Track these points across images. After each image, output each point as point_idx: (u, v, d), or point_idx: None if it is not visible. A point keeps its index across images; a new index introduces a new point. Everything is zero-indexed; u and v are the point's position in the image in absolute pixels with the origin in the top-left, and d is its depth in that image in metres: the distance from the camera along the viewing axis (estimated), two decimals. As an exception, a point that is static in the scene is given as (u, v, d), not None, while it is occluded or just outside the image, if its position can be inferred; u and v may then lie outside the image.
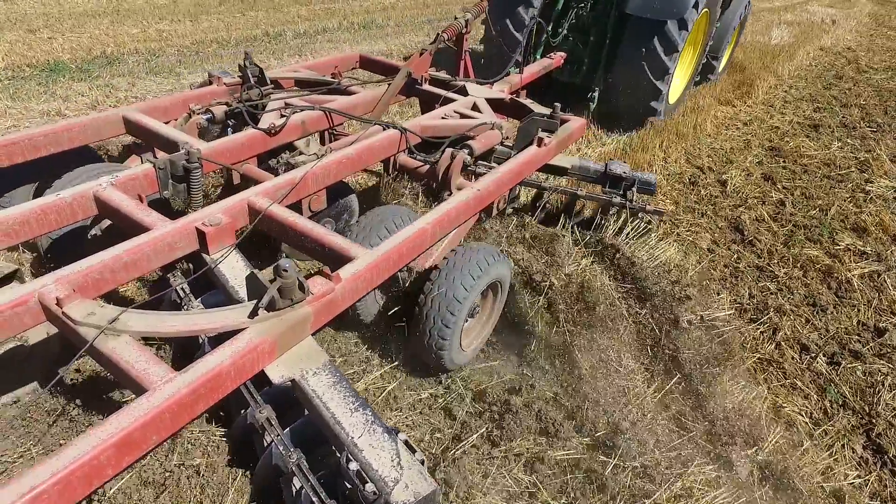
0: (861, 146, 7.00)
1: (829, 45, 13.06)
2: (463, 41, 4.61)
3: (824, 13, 18.21)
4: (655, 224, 3.66)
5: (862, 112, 8.40)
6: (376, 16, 12.04)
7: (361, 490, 1.69)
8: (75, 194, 2.54)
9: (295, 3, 12.79)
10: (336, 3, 13.26)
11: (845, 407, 3.37)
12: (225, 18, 10.85)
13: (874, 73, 10.75)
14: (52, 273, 2.07)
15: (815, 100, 8.88)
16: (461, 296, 2.67)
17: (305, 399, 1.97)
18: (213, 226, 2.44)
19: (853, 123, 7.80)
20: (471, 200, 2.93)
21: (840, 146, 6.94)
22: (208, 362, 1.80)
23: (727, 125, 7.40)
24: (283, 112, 3.53)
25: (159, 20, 10.33)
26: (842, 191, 5.79)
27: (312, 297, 2.08)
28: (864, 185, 5.91)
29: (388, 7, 13.53)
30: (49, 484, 1.42)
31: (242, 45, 8.97)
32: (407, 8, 13.58)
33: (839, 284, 4.38)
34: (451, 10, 13.36)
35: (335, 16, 11.74)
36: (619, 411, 2.92)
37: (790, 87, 9.42)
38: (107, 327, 1.85)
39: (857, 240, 4.92)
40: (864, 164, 6.44)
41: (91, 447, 1.51)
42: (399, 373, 3.01)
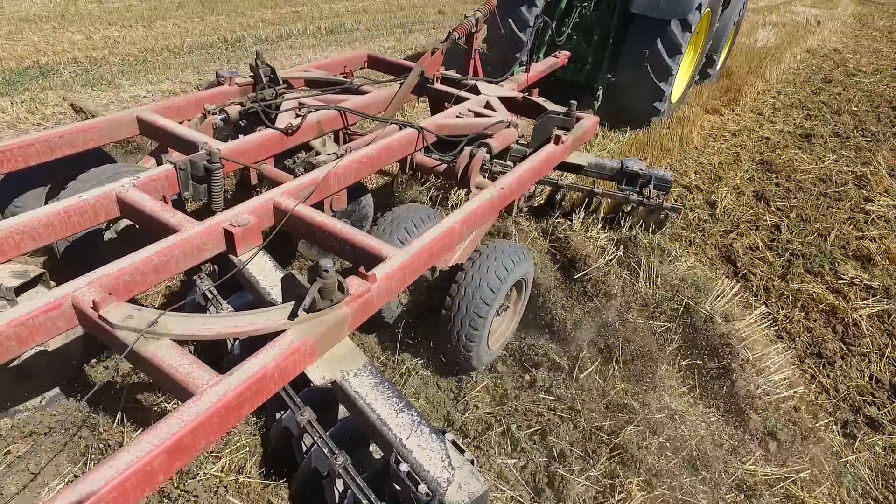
0: (857, 158, 6.58)
1: (816, 47, 12.73)
2: (473, 40, 4.59)
3: (808, 13, 18.01)
4: (673, 221, 3.67)
5: (854, 119, 8.00)
6: (346, 19, 11.47)
7: (414, 491, 1.67)
8: (98, 196, 2.49)
9: (259, 7, 12.16)
10: (304, 6, 12.62)
11: (866, 497, 2.76)
12: (182, 23, 10.21)
13: (863, 77, 10.47)
14: (83, 276, 2.02)
15: (805, 106, 8.44)
16: (489, 295, 2.65)
17: (348, 400, 1.94)
18: (241, 226, 2.40)
19: (846, 132, 7.39)
20: (495, 199, 2.91)
21: (835, 159, 6.48)
22: (253, 365, 1.76)
23: (715, 136, 6.92)
24: (298, 112, 3.49)
25: (108, 25, 9.59)
26: (840, 211, 5.31)
27: (350, 297, 2.05)
28: (864, 204, 5.45)
29: (360, 10, 12.84)
30: (105, 491, 1.39)
31: (196, 53, 8.45)
32: (379, 11, 12.97)
33: (845, 328, 3.81)
34: (426, 12, 13.15)
35: (302, 20, 11.17)
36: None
37: (778, 93, 8.99)
38: (146, 331, 1.82)
39: (861, 271, 4.40)
40: (862, 180, 6.02)
41: (144, 453, 1.48)
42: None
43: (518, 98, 4.22)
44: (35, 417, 2.51)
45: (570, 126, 3.69)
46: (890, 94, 9.19)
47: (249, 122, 3.64)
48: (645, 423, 2.77)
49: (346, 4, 13.32)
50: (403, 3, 14.20)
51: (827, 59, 11.79)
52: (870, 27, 17.19)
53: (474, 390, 2.85)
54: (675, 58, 5.69)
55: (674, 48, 5.65)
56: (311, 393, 2.18)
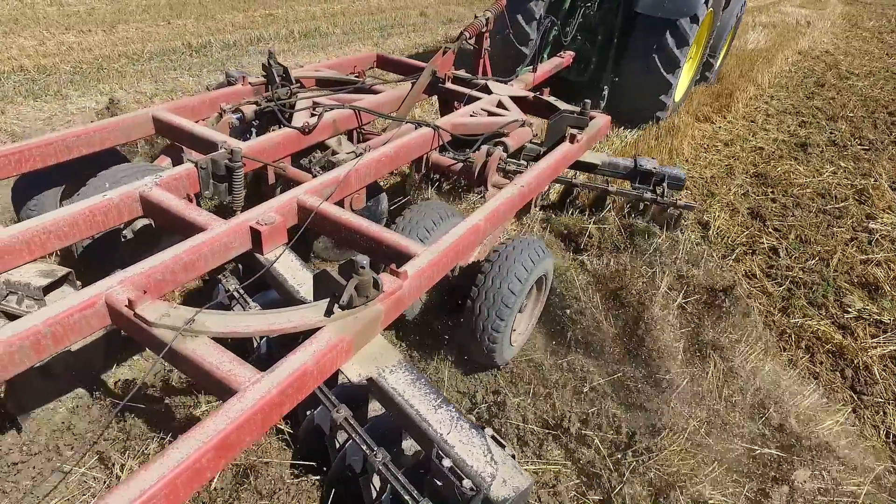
0: (856, 169, 6.17)
1: (807, 49, 12.48)
2: (483, 40, 4.60)
3: (798, 14, 17.90)
4: (687, 218, 3.70)
5: (850, 126, 7.59)
6: (322, 23, 10.87)
7: (459, 486, 1.67)
8: (121, 195, 2.47)
9: (230, 10, 11.35)
10: (279, 8, 11.93)
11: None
12: (146, 27, 9.56)
13: (856, 80, 10.15)
14: (114, 275, 2.01)
15: (799, 112, 8.06)
16: (514, 291, 2.66)
17: (385, 397, 1.94)
18: (267, 225, 2.40)
19: (843, 141, 6.99)
20: (516, 196, 2.93)
21: (833, 171, 6.06)
22: (293, 362, 1.76)
23: (706, 147, 6.49)
24: (313, 111, 3.49)
25: (66, 30, 8.90)
26: (842, 230, 4.87)
27: (383, 294, 2.05)
28: (867, 223, 5.04)
29: (337, 13, 12.14)
30: (157, 488, 1.38)
31: (157, 60, 7.92)
32: (358, 13, 12.33)
33: (855, 372, 3.35)
34: (407, 14, 12.66)
35: (275, 23, 10.62)
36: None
37: (771, 98, 8.62)
38: (184, 328, 1.81)
39: (869, 302, 3.95)
40: (863, 194, 5.59)
41: (193, 450, 1.47)
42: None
43: (529, 97, 4.24)
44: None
45: (584, 125, 3.71)
46: (885, 99, 8.98)
47: (263, 121, 3.64)
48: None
49: (324, 7, 12.69)
50: (384, 4, 13.65)
51: (819, 61, 11.56)
52: (859, 28, 17.12)
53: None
54: (682, 49, 5.72)
55: (682, 40, 5.68)
56: (340, 391, 2.18)
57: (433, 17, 12.67)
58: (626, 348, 3.09)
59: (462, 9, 13.99)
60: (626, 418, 2.71)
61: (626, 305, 3.20)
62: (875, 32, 16.14)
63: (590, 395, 2.83)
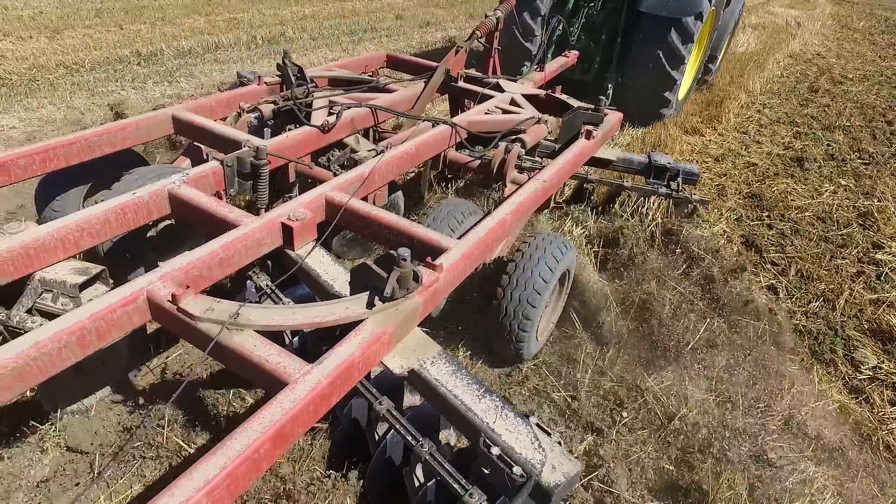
0: (857, 188, 5.73)
1: (799, 52, 12.20)
2: (494, 39, 4.64)
3: (787, 15, 17.60)
4: (702, 212, 3.74)
5: (848, 137, 7.18)
6: (289, 27, 10.29)
7: (509, 473, 1.69)
8: (151, 193, 2.47)
9: (191, 13, 10.64)
10: (245, 12, 11.25)
11: None
12: (95, 33, 8.83)
13: (851, 85, 9.86)
14: (154, 271, 2.01)
15: (793, 121, 7.63)
16: (542, 287, 2.68)
17: (427, 388, 1.96)
18: (299, 220, 2.41)
19: (841, 154, 6.59)
20: (539, 191, 2.95)
21: (833, 190, 5.62)
22: (340, 353, 1.77)
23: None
24: (331, 110, 3.50)
25: (3, 37, 8.22)
26: (846, 262, 4.40)
27: (421, 287, 2.06)
28: (873, 252, 4.58)
29: (307, 16, 11.49)
30: (220, 478, 1.39)
31: (99, 70, 7.30)
32: (329, 17, 11.63)
33: (873, 450, 2.85)
34: (382, 17, 12.06)
35: (239, 28, 10.00)
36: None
37: (763, 106, 8.17)
38: (230, 322, 1.81)
39: (884, 357, 3.47)
40: (867, 218, 5.14)
41: (252, 440, 1.48)
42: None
43: (542, 95, 4.27)
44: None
45: (598, 121, 3.74)
46: (882, 106, 8.70)
47: (279, 120, 3.64)
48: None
49: (294, 10, 12.02)
50: (358, 7, 12.97)
51: (811, 64, 11.32)
52: (850, 28, 17.07)
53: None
54: (686, 47, 5.78)
55: (686, 39, 5.74)
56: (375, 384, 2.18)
57: (409, 21, 12.13)
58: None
59: (441, 11, 13.51)
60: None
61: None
62: (866, 33, 16.15)
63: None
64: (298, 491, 2.10)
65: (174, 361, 2.92)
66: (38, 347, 1.66)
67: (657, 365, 3.04)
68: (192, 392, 2.66)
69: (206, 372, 2.76)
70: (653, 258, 3.58)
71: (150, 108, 4.83)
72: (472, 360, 3.04)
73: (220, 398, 2.62)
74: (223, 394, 2.66)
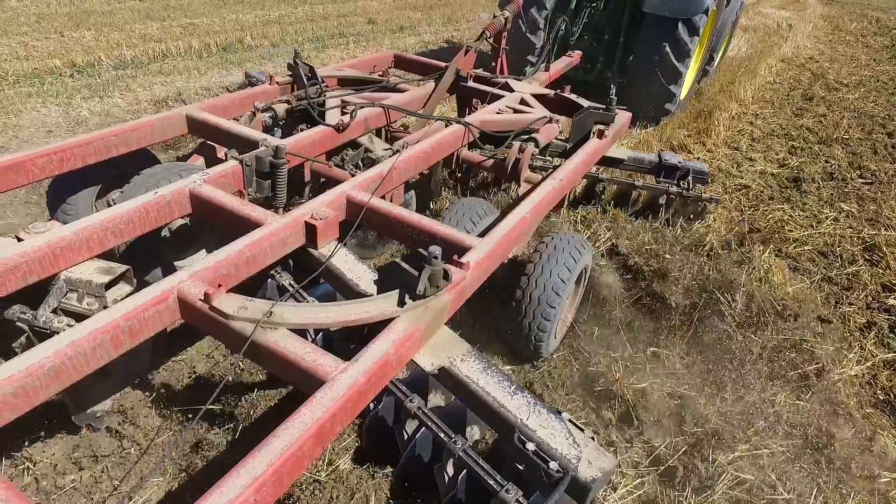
0: (860, 213, 5.16)
1: (791, 56, 11.71)
2: (502, 39, 4.66)
3: (778, 16, 17.34)
4: (712, 209, 3.77)
5: (847, 152, 6.63)
6: (250, 33, 9.46)
7: (546, 469, 1.70)
8: (173, 192, 2.46)
9: (144, 19, 9.77)
10: (205, 16, 10.39)
11: None
12: (30, 41, 8.00)
13: (846, 91, 9.32)
14: (182, 270, 2.01)
15: (788, 134, 7.06)
16: (561, 287, 2.70)
17: (458, 386, 1.96)
18: (322, 220, 2.41)
19: (841, 172, 6.00)
20: (556, 190, 2.97)
21: (834, 217, 5.01)
22: (375, 351, 1.78)
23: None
24: (344, 110, 3.51)
25: None
26: (853, 310, 3.80)
27: (450, 284, 2.07)
28: (885, 297, 3.99)
29: (272, 21, 10.66)
30: (267, 475, 1.39)
31: (24, 83, 6.46)
32: (297, 22, 10.86)
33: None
34: (353, 22, 11.24)
35: (194, 34, 9.10)
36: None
37: (756, 117, 7.61)
38: (264, 320, 1.81)
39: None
40: (874, 252, 4.55)
41: (294, 438, 1.48)
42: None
43: (551, 95, 4.29)
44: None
45: (610, 121, 3.77)
46: (881, 115, 8.19)
47: (291, 120, 3.64)
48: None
49: (260, 14, 11.22)
50: (330, 10, 12.11)
51: (804, 69, 10.83)
52: (842, 30, 16.84)
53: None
54: (687, 49, 5.82)
55: (686, 40, 5.78)
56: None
57: (382, 25, 11.37)
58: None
59: (418, 14, 12.71)
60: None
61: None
62: (858, 35, 15.92)
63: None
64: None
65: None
66: (74, 346, 1.66)
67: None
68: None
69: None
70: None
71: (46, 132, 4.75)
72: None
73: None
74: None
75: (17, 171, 2.55)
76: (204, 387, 2.72)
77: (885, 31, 17.25)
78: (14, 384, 1.53)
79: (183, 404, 2.59)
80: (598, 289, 3.31)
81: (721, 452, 2.52)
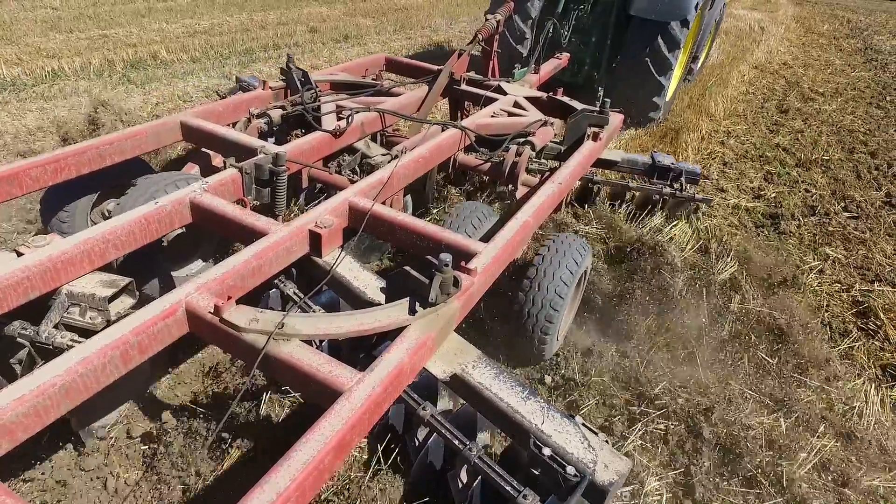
0: (848, 259, 4.49)
1: (764, 62, 11.26)
2: (494, 42, 4.67)
3: (751, 18, 17.01)
4: (705, 210, 3.83)
5: (828, 177, 6.02)
6: (167, 46, 8.43)
7: (563, 473, 1.71)
8: (173, 202, 2.43)
9: (50, 30, 8.75)
10: (121, 27, 9.32)
11: None
12: None
13: (823, 101, 8.85)
14: (190, 282, 1.99)
15: (763, 156, 6.45)
16: (564, 289, 2.72)
17: (471, 392, 1.97)
18: (326, 228, 2.40)
19: (823, 204, 5.35)
20: (556, 193, 3.00)
21: (819, 267, 4.26)
22: (390, 360, 1.77)
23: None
24: (340, 115, 3.49)
25: None
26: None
27: (459, 291, 2.08)
28: (888, 385, 3.27)
29: (200, 32, 9.59)
30: (291, 489, 1.38)
31: None
32: (230, 32, 9.79)
33: None
34: (293, 31, 10.29)
35: (101, 48, 8.10)
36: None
37: (728, 135, 6.99)
38: (277, 332, 1.80)
39: None
40: (868, 319, 3.82)
41: (316, 452, 1.47)
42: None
43: (543, 98, 4.32)
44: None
45: (604, 123, 3.80)
46: (861, 129, 7.71)
47: (285, 126, 3.62)
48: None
49: (189, 23, 10.09)
50: (270, 19, 11.11)
51: (778, 76, 10.35)
52: (814, 32, 16.75)
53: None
54: (674, 52, 5.91)
55: (673, 43, 5.87)
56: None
57: (325, 34, 10.38)
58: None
59: (368, 21, 11.78)
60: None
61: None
62: (831, 38, 15.84)
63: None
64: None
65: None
66: (85, 363, 1.63)
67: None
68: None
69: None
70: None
71: None
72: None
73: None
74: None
75: (11, 182, 2.49)
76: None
77: (856, 32, 17.44)
78: (26, 404, 1.50)
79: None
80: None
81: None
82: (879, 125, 8.00)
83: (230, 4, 11.98)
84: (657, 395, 2.85)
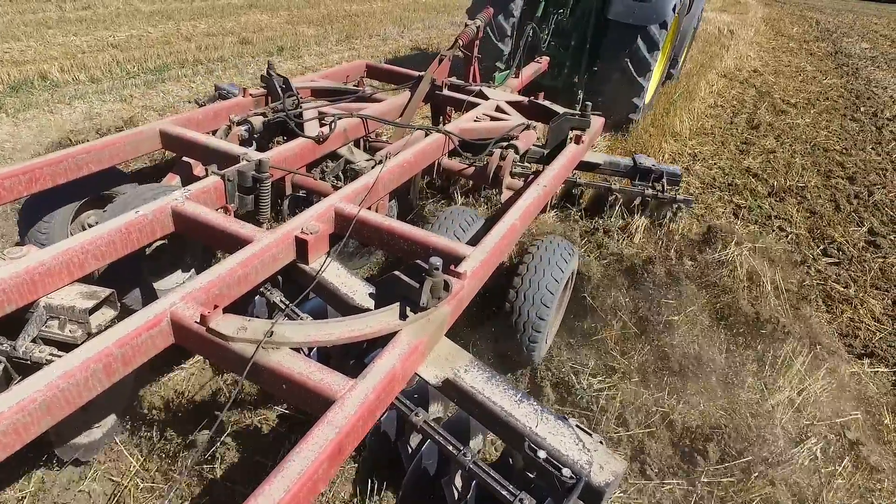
0: (832, 322, 3.82)
1: (734, 70, 10.87)
2: (474, 47, 4.69)
3: (720, 21, 16.77)
4: (686, 212, 3.89)
5: (804, 210, 5.43)
6: (60, 65, 7.31)
7: (559, 476, 1.71)
8: (155, 211, 2.38)
9: None
10: (17, 40, 8.30)
11: None
12: None
13: (795, 114, 8.46)
14: (174, 291, 1.94)
15: (732, 184, 5.83)
16: (553, 291, 2.73)
17: (464, 397, 1.95)
18: (312, 234, 2.37)
19: (801, 245, 4.77)
20: (541, 196, 3.00)
21: (801, 355, 3.11)
22: (382, 367, 1.75)
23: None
24: (323, 121, 3.47)
25: None
26: None
27: (450, 295, 2.07)
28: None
29: (111, 46, 8.56)
30: (286, 501, 1.35)
31: None
32: (145, 46, 8.84)
33: None
34: (221, 43, 9.40)
35: (27, 63, 7.29)
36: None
37: (694, 159, 6.44)
38: (266, 340, 1.76)
39: None
40: (873, 414, 3.04)
41: (310, 462, 1.45)
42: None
43: (525, 102, 4.34)
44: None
45: (586, 126, 3.84)
46: (837, 148, 7.31)
47: (269, 132, 3.58)
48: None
49: (101, 36, 9.04)
50: (198, 29, 10.19)
51: (748, 85, 9.98)
52: (784, 35, 16.92)
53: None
54: (653, 53, 6.00)
55: (653, 44, 5.96)
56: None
57: (258, 45, 9.52)
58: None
59: (312, 30, 10.94)
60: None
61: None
62: (801, 41, 16.03)
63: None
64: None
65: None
66: (66, 378, 1.58)
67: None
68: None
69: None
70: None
71: None
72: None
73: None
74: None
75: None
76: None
77: (826, 35, 17.84)
78: (4, 422, 1.44)
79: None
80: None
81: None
82: (856, 142, 7.65)
83: (157, 13, 10.90)
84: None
